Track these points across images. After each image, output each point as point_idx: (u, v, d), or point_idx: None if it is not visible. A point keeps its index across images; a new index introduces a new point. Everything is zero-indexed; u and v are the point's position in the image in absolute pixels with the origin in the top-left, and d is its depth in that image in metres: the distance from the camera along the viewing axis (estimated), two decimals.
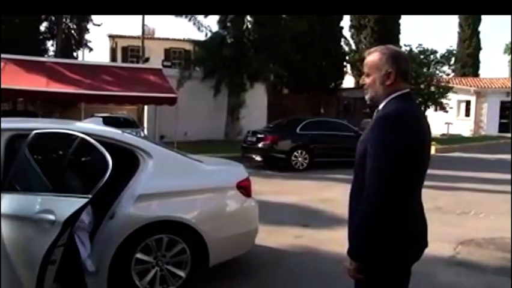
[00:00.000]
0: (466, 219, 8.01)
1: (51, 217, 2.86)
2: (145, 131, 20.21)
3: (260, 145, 14.67)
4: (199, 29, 20.83)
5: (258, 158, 14.44)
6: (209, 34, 21.12)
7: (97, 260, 3.91)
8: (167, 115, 19.01)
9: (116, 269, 3.99)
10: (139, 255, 4.11)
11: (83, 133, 3.40)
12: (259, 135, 15.10)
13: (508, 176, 12.01)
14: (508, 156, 18.86)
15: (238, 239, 4.70)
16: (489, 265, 5.60)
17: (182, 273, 4.28)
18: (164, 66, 23.08)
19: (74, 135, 3.38)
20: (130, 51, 33.42)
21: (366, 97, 2.55)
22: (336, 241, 6.30)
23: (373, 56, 2.44)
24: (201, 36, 22.05)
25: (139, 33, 28.20)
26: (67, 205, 2.87)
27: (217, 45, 20.12)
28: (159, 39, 34.94)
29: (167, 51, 33.50)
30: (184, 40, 24.48)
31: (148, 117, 21.55)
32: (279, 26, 20.80)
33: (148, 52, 28.64)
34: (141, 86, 17.82)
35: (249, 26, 21.30)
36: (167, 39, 34.45)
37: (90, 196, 2.84)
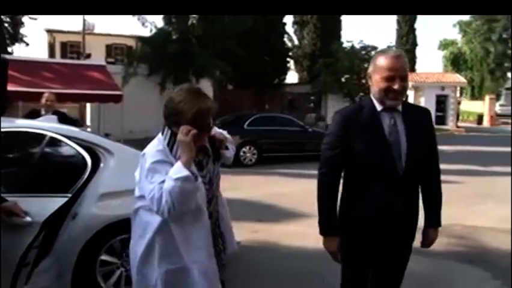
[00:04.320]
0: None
1: (28, 219, 2.79)
2: (89, 130, 19.69)
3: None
4: (143, 24, 20.51)
5: None
6: (154, 30, 20.84)
7: (60, 263, 3.83)
8: (111, 113, 18.61)
9: (80, 271, 3.91)
10: (103, 257, 4.05)
11: (50, 132, 3.33)
12: None
13: (453, 166, 12.64)
14: (445, 147, 19.76)
15: None
16: (438, 250, 5.92)
17: None
18: (107, 62, 22.56)
19: (41, 134, 3.30)
20: (69, 46, 32.42)
21: (394, 102, 2.58)
22: (291, 235, 6.45)
23: (404, 59, 2.57)
24: (146, 32, 21.67)
25: (78, 28, 27.43)
26: (43, 205, 2.80)
27: (162, 41, 19.86)
28: (100, 34, 34.02)
29: (109, 47, 32.72)
30: (127, 36, 24.02)
31: (91, 115, 21.00)
32: (223, 22, 20.80)
33: (89, 48, 27.89)
34: (84, 83, 17.35)
35: (194, 22, 21.16)
36: (109, 34, 33.62)
37: (69, 195, 2.80)
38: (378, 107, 2.59)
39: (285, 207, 8.33)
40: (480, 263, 5.43)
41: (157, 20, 21.46)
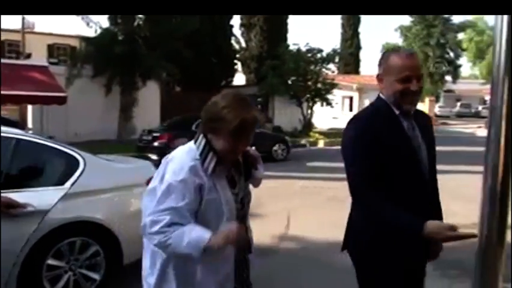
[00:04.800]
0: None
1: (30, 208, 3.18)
2: (30, 133, 19.05)
3: (156, 144, 14.55)
4: (88, 24, 20.00)
5: (155, 157, 14.27)
6: (99, 30, 20.39)
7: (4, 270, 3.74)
8: (55, 115, 18.12)
9: (25, 277, 3.83)
10: (50, 261, 3.98)
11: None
12: (155, 134, 14.98)
13: None
14: None
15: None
16: None
17: (96, 276, 4.22)
18: (50, 63, 21.89)
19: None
20: (7, 45, 31.19)
21: (411, 106, 2.38)
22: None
23: (417, 58, 2.40)
24: (90, 32, 21.11)
25: (16, 26, 26.44)
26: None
27: (107, 41, 19.47)
28: (42, 33, 32.88)
29: (50, 47, 31.66)
30: (70, 36, 23.39)
31: (33, 117, 20.33)
32: (170, 23, 20.65)
33: (29, 47, 26.95)
34: (25, 84, 16.76)
35: (141, 23, 20.88)
36: (51, 34, 32.55)
37: (67, 186, 2.95)
38: (396, 111, 2.37)
39: None
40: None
41: (102, 20, 21.04)
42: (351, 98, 34.59)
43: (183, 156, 2.10)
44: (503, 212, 3.79)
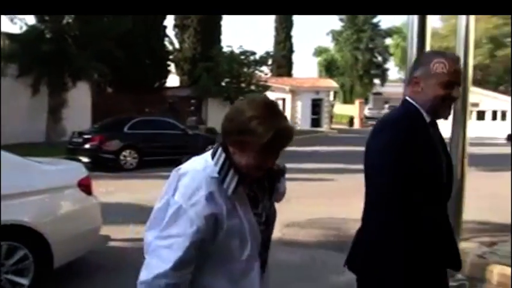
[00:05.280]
0: (289, 205, 8.83)
1: None
2: None
3: (87, 146, 14.23)
4: (12, 21, 19.12)
5: (86, 159, 13.92)
6: (24, 27, 19.54)
7: None
8: None
9: None
10: None
11: None
12: (85, 136, 14.64)
13: (326, 165, 13.46)
14: (319, 148, 20.96)
15: (81, 238, 4.67)
16: (311, 241, 6.41)
17: (24, 281, 4.10)
18: None
19: None
20: None
21: (447, 114, 2.28)
22: None
23: (460, 63, 2.30)
24: (15, 29, 20.19)
25: None
26: None
27: (33, 39, 18.69)
28: None
29: None
30: None
31: None
32: (102, 22, 20.13)
33: None
34: None
35: (70, 21, 20.19)
36: None
37: None
38: (427, 119, 2.23)
39: None
40: (346, 250, 5.95)
41: (28, 17, 20.10)
42: (283, 100, 35.16)
43: (198, 173, 1.78)
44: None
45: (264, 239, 1.91)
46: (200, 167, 1.81)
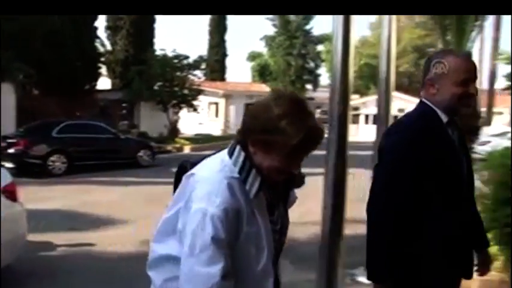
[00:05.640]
0: None
1: None
2: None
3: (12, 150, 13.66)
4: None
5: (10, 165, 13.33)
6: None
7: None
8: None
9: None
10: None
11: None
12: (9, 140, 14.05)
13: None
14: None
15: (7, 245, 4.50)
16: None
17: None
18: None
19: None
20: None
21: (467, 110, 2.26)
22: (112, 240, 6.45)
23: (473, 60, 2.27)
24: None
25: None
26: None
27: None
28: None
29: None
30: None
31: None
32: (26, 21, 19.30)
33: None
34: None
35: None
36: None
37: None
38: (444, 119, 2.19)
39: (100, 214, 8.23)
40: (291, 254, 6.10)
41: None
42: (217, 104, 35.19)
43: (217, 174, 1.60)
44: (340, 207, 4.24)
45: (277, 249, 1.74)
46: (217, 167, 1.63)
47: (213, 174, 1.61)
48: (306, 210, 8.16)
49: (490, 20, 24.79)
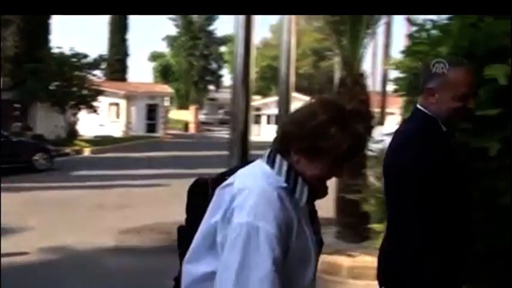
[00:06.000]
0: (126, 212, 8.73)
1: None
2: None
3: None
4: None
5: None
6: None
7: None
8: None
9: None
10: None
11: None
12: None
13: (162, 171, 13.46)
14: (155, 154, 20.89)
15: None
16: (149, 247, 6.42)
17: None
18: None
19: None
20: None
21: (459, 122, 2.30)
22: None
23: (473, 72, 2.21)
24: None
25: None
26: None
27: None
28: None
29: None
30: None
31: None
32: None
33: None
34: None
35: None
36: None
37: None
38: (443, 128, 2.18)
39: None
40: None
41: None
42: (117, 105, 34.21)
43: (263, 185, 1.49)
44: None
45: (316, 262, 1.62)
46: (261, 178, 1.51)
47: (258, 184, 1.49)
48: None
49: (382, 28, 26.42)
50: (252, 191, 1.45)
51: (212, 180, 1.66)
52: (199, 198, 1.65)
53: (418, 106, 2.23)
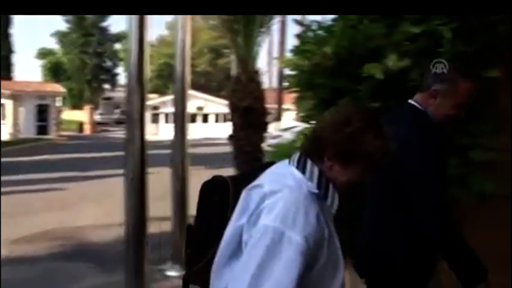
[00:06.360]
0: (16, 220, 8.26)
1: None
2: None
3: None
4: None
5: None
6: None
7: None
8: None
9: None
10: None
11: None
12: None
13: (55, 174, 12.88)
14: (47, 157, 19.88)
15: None
16: (44, 254, 6.15)
17: None
18: None
19: None
20: None
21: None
22: None
23: None
24: None
25: None
26: None
27: None
28: None
29: None
30: None
31: None
32: None
33: None
34: None
35: None
36: None
37: None
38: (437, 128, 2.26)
39: None
40: (82, 257, 5.93)
41: None
42: (3, 106, 32.02)
43: (296, 191, 1.48)
44: (142, 207, 4.35)
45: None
46: (293, 183, 1.50)
47: (291, 189, 1.47)
48: (106, 212, 8.08)
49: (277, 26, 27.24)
50: (283, 195, 1.44)
51: (232, 179, 1.66)
52: (215, 196, 1.65)
53: (415, 104, 2.26)
